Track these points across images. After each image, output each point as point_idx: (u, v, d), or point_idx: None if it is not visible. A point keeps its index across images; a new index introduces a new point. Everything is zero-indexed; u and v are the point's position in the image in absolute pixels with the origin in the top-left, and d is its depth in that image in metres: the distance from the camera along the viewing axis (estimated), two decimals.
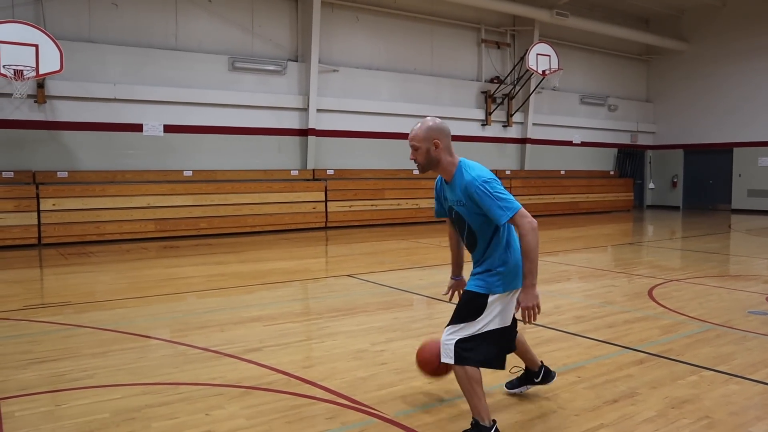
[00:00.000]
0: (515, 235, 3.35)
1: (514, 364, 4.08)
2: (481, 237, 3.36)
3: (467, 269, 3.72)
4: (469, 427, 3.30)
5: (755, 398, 3.99)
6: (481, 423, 3.25)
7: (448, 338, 3.30)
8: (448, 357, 3.29)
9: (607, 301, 6.96)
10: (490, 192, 3.17)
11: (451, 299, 3.88)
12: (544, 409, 3.80)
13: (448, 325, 3.36)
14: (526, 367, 3.97)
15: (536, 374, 3.95)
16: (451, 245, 3.93)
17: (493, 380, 4.33)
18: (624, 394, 4.04)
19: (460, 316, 3.33)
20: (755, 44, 20.63)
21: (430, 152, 3.33)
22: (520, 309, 3.24)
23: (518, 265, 3.32)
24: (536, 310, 3.21)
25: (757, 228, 16.27)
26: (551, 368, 4.06)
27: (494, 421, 3.30)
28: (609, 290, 7.64)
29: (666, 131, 23.72)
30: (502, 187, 3.24)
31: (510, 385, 4.05)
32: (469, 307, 3.33)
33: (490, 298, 3.31)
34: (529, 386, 4.01)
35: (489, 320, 3.30)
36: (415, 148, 3.36)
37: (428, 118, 3.42)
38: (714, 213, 21.32)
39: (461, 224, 3.43)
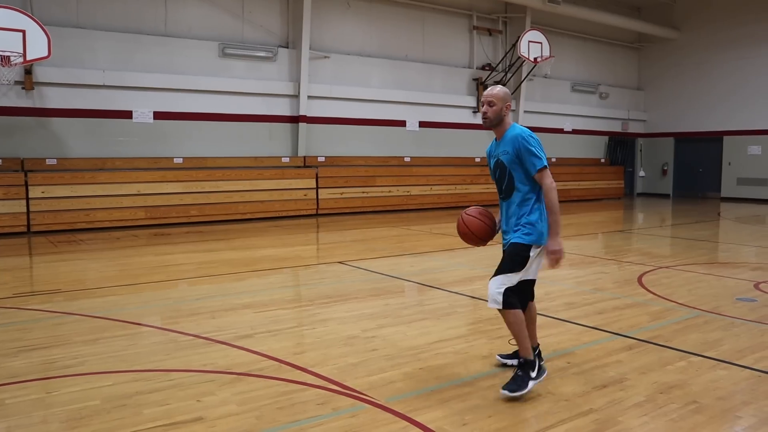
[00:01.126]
0: (543, 199, 3.89)
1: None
2: (518, 187, 3.91)
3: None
4: (519, 366, 3.85)
5: (742, 383, 4.03)
6: (528, 359, 3.84)
7: (497, 287, 3.81)
8: (496, 303, 3.81)
9: (598, 288, 7.00)
10: (531, 145, 3.83)
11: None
12: (533, 394, 3.83)
13: (495, 275, 3.85)
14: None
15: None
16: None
17: (471, 371, 4.36)
18: (613, 379, 4.07)
19: (508, 267, 3.86)
20: (746, 33, 20.67)
21: (502, 111, 3.93)
22: (550, 255, 3.79)
23: (545, 222, 3.88)
24: (561, 256, 3.80)
25: (745, 216, 16.38)
26: (544, 366, 4.07)
27: (538, 352, 4.04)
28: (599, 277, 7.68)
29: (657, 119, 23.78)
30: (541, 147, 3.87)
31: (504, 356, 4.37)
32: (515, 258, 3.86)
33: (532, 251, 3.86)
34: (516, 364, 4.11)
35: (527, 270, 3.90)
36: (491, 104, 3.92)
37: (500, 86, 4.05)
38: (704, 201, 21.45)
39: (503, 173, 3.97)
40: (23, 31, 10.88)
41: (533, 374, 3.81)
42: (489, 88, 4.02)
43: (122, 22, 13.29)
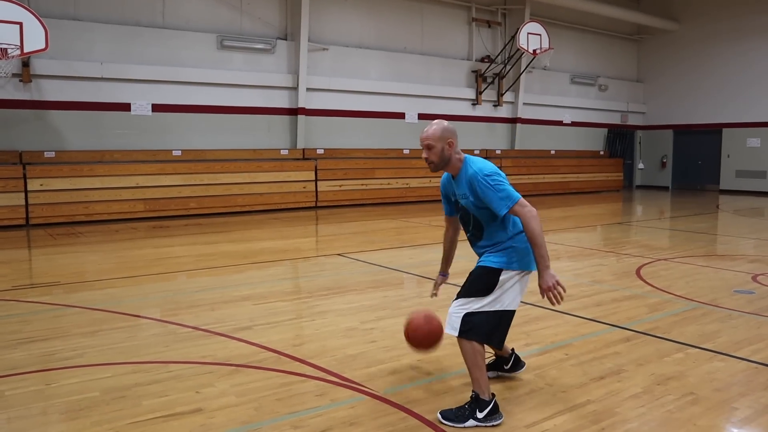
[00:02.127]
0: (517, 219, 3.44)
1: (486, 349, 4.05)
2: (487, 229, 3.49)
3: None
4: (469, 400, 3.37)
5: (739, 375, 4.05)
6: (481, 396, 3.34)
7: (456, 311, 3.40)
8: (452, 329, 3.39)
9: (596, 280, 7.02)
10: (490, 184, 3.30)
11: (436, 295, 4.09)
12: (531, 385, 3.84)
13: (457, 298, 3.46)
14: (495, 353, 3.94)
15: (506, 361, 3.95)
16: (444, 241, 4.05)
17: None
18: (611, 371, 4.09)
19: (470, 291, 3.43)
20: (745, 24, 20.62)
21: (444, 151, 3.45)
22: (544, 294, 3.31)
23: (527, 245, 3.39)
24: (559, 290, 3.29)
25: (744, 208, 16.39)
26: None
27: (493, 395, 3.39)
28: (598, 269, 7.70)
29: (656, 111, 23.75)
30: (504, 180, 3.36)
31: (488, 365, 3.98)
32: (480, 282, 3.42)
33: (503, 276, 3.40)
34: (498, 373, 3.97)
35: (498, 298, 3.40)
36: (429, 147, 3.46)
37: (438, 120, 3.58)
38: (702, 193, 21.45)
39: (467, 218, 3.56)
40: (20, 24, 10.83)
41: (479, 415, 3.29)
42: (427, 127, 3.50)
43: (120, 15, 13.24)
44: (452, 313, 3.41)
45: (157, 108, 13.64)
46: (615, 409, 3.49)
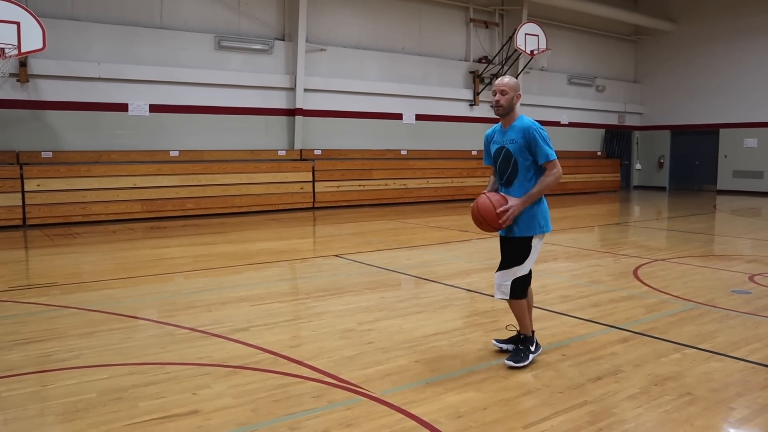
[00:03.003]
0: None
1: (511, 322, 4.73)
2: (520, 176, 4.12)
3: None
4: (521, 342, 4.27)
5: (736, 375, 4.05)
6: (528, 335, 4.27)
7: (504, 282, 4.17)
8: (504, 295, 4.18)
9: (593, 281, 7.02)
10: (543, 137, 4.09)
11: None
12: (529, 386, 3.84)
13: (500, 269, 4.22)
14: (518, 330, 4.38)
15: (522, 340, 4.36)
16: (491, 184, 4.47)
17: (466, 363, 4.38)
18: (608, 371, 4.09)
19: (511, 261, 4.18)
20: (742, 25, 20.67)
21: (513, 100, 4.15)
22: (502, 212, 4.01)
23: (546, 209, 4.22)
24: (511, 214, 4.02)
25: (741, 208, 16.42)
26: (539, 342, 4.42)
27: (533, 332, 4.34)
28: (595, 270, 7.70)
29: (653, 112, 23.79)
30: (549, 140, 4.14)
31: (500, 341, 4.53)
32: (518, 253, 4.17)
33: (533, 241, 4.18)
34: (507, 347, 4.46)
35: (530, 259, 4.19)
36: (503, 93, 4.14)
37: (509, 76, 4.27)
38: (700, 194, 21.48)
39: (507, 161, 4.16)
40: (18, 23, 10.81)
41: (532, 348, 4.24)
42: (500, 78, 4.23)
43: (118, 15, 13.23)
44: (501, 284, 4.18)
45: (154, 108, 13.63)
46: (612, 410, 3.49)
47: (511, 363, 4.12)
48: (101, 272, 7.55)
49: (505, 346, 4.47)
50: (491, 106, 4.15)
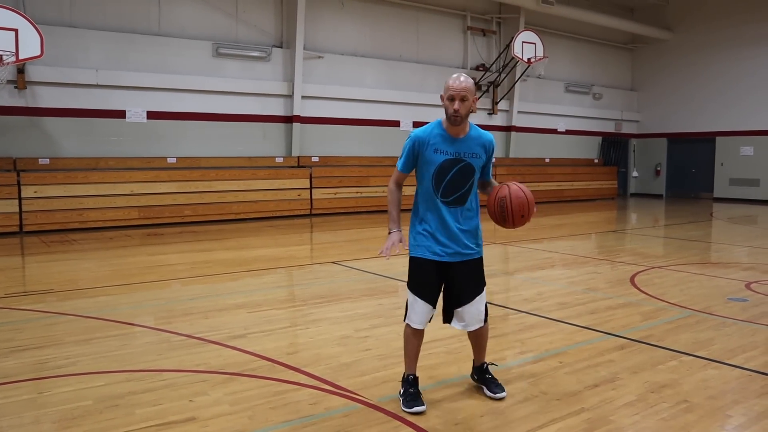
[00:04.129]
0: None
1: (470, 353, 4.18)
2: (473, 192, 3.67)
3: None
4: (486, 368, 3.89)
5: (732, 382, 4.05)
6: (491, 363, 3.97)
7: (481, 308, 3.74)
8: (480, 323, 3.74)
9: (590, 288, 7.03)
10: (494, 149, 3.74)
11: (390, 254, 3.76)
12: (526, 393, 3.84)
13: (475, 295, 3.69)
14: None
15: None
16: (396, 200, 3.87)
17: (463, 370, 4.38)
18: (605, 379, 4.09)
19: (482, 283, 3.77)
20: (738, 33, 20.76)
21: (472, 105, 3.54)
22: None
23: None
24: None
25: (738, 216, 16.46)
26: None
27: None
28: (592, 277, 7.71)
29: (650, 120, 23.86)
30: None
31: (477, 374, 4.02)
32: (482, 273, 3.77)
33: None
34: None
35: None
36: (464, 99, 3.48)
37: (464, 74, 3.58)
38: (696, 201, 21.53)
39: (466, 176, 3.60)
40: (16, 30, 10.83)
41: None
42: (456, 78, 3.51)
43: (116, 22, 13.25)
44: (480, 311, 3.74)
45: (152, 115, 13.63)
46: (609, 417, 3.50)
47: (502, 396, 3.74)
48: (98, 279, 7.54)
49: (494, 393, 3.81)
50: (449, 115, 3.51)
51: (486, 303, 3.79)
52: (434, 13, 18.24)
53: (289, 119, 15.46)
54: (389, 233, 3.81)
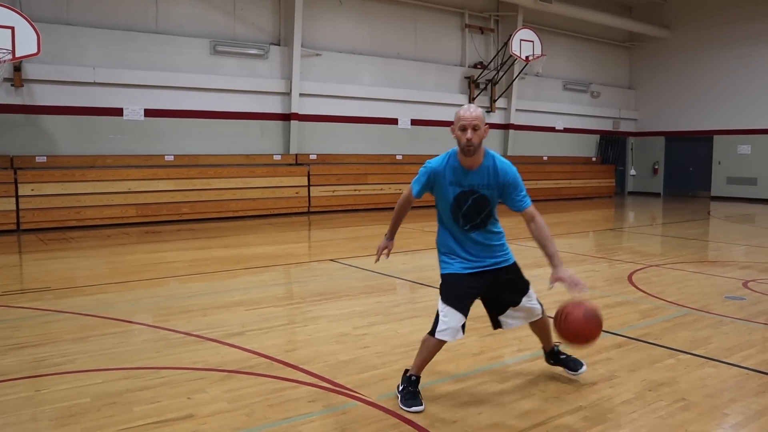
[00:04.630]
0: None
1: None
2: (492, 222, 3.70)
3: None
4: (558, 351, 4.03)
5: (730, 381, 4.06)
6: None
7: (530, 305, 3.81)
8: (535, 316, 3.86)
9: (588, 286, 7.02)
10: (518, 179, 3.63)
11: (381, 258, 4.10)
12: (524, 391, 3.85)
13: (522, 295, 3.78)
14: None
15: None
16: (401, 213, 4.02)
17: (461, 368, 4.38)
18: (603, 376, 4.10)
19: (524, 286, 3.83)
20: (736, 32, 20.78)
21: (484, 135, 3.56)
22: (569, 284, 3.49)
23: None
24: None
25: (735, 215, 16.49)
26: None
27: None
28: (590, 275, 7.71)
29: (647, 118, 23.88)
30: None
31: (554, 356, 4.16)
32: (520, 276, 3.83)
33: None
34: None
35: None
36: (476, 129, 3.51)
37: (473, 105, 3.66)
38: (694, 200, 21.56)
39: (482, 208, 3.62)
40: (12, 28, 10.80)
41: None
42: (468, 109, 3.56)
43: (113, 19, 13.22)
44: (531, 307, 3.82)
45: (149, 113, 13.61)
46: (607, 415, 3.50)
47: (581, 371, 3.96)
48: (95, 277, 7.53)
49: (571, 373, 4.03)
50: (463, 146, 3.51)
51: (536, 299, 3.88)
52: (432, 11, 18.22)
53: (287, 117, 15.45)
54: (384, 239, 4.07)
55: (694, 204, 19.67)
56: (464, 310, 3.60)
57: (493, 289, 3.72)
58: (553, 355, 4.08)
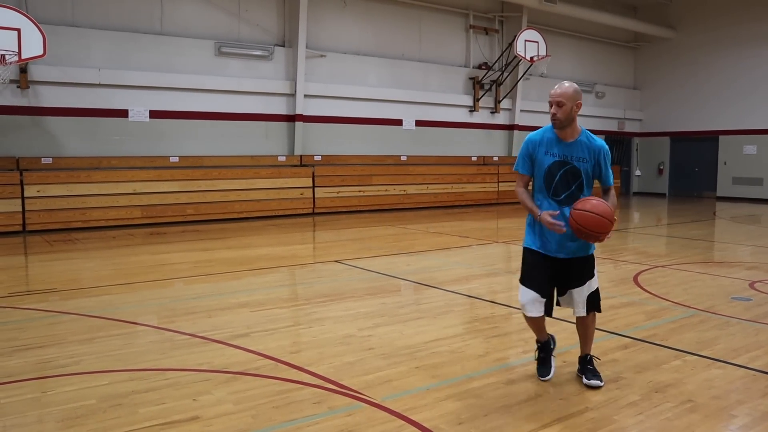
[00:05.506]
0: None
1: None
2: (584, 194, 3.85)
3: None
4: (590, 359, 4.06)
5: (737, 382, 4.04)
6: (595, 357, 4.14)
7: (583, 297, 3.94)
8: (583, 309, 3.96)
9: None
10: (609, 157, 3.92)
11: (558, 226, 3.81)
12: (529, 393, 3.84)
13: (578, 286, 3.92)
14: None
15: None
16: (526, 197, 4.01)
17: (467, 370, 4.37)
18: (609, 378, 4.08)
19: (589, 276, 3.96)
20: (742, 32, 20.71)
21: (572, 111, 3.75)
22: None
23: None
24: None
25: (741, 215, 16.43)
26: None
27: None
28: None
29: (653, 119, 23.82)
30: None
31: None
32: (590, 267, 3.98)
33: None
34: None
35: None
36: (560, 105, 3.74)
37: (568, 82, 3.83)
38: (699, 200, 21.49)
39: (573, 178, 3.83)
40: (18, 30, 10.84)
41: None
42: (557, 86, 3.79)
43: (118, 21, 13.26)
44: (581, 300, 3.94)
45: (154, 114, 13.64)
46: (613, 417, 3.49)
47: (597, 384, 3.91)
48: (101, 278, 7.54)
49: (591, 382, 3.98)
50: (551, 119, 3.82)
51: (593, 295, 3.96)
52: (437, 12, 18.21)
53: (291, 118, 15.46)
54: (539, 217, 3.84)
55: (700, 204, 19.60)
56: (540, 291, 3.91)
57: (560, 273, 3.97)
58: (582, 362, 4.10)
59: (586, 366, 4.06)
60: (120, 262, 8.76)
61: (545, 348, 4.14)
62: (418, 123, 17.70)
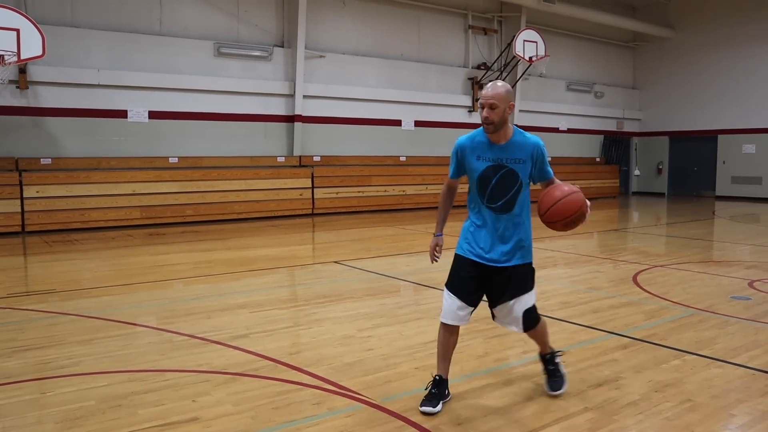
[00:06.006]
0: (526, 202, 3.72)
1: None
2: (520, 199, 3.63)
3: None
4: (550, 362, 3.88)
5: (736, 381, 4.04)
6: (553, 350, 3.94)
7: (518, 313, 3.66)
8: (519, 327, 3.70)
9: (593, 287, 7.01)
10: (545, 154, 3.65)
11: (438, 260, 3.94)
12: (529, 393, 3.83)
13: (511, 298, 3.64)
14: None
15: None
16: (445, 205, 3.98)
17: (466, 370, 4.37)
18: (608, 378, 4.08)
19: (525, 288, 3.68)
20: (740, 31, 20.72)
21: (505, 113, 3.51)
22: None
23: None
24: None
25: (740, 214, 16.44)
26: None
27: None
28: (594, 276, 7.70)
29: (651, 118, 23.83)
30: None
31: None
32: (529, 278, 3.71)
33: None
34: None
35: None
36: (492, 107, 3.49)
37: (500, 81, 3.61)
38: (698, 200, 21.50)
39: (511, 182, 3.59)
40: (17, 30, 10.83)
41: (560, 363, 3.95)
42: (488, 87, 3.54)
43: (117, 22, 13.25)
44: (518, 317, 3.67)
45: (153, 115, 13.64)
46: (613, 417, 3.49)
47: (558, 392, 3.79)
48: (100, 279, 7.54)
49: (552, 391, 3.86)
50: (481, 122, 3.56)
51: (529, 309, 3.67)
52: (435, 12, 18.22)
53: (290, 119, 15.46)
54: (434, 236, 3.93)
55: (699, 204, 19.61)
56: (464, 298, 3.64)
57: (492, 285, 3.70)
58: (543, 361, 3.95)
59: (547, 367, 3.90)
60: (119, 262, 8.76)
61: (441, 385, 3.67)
62: (417, 123, 17.71)
